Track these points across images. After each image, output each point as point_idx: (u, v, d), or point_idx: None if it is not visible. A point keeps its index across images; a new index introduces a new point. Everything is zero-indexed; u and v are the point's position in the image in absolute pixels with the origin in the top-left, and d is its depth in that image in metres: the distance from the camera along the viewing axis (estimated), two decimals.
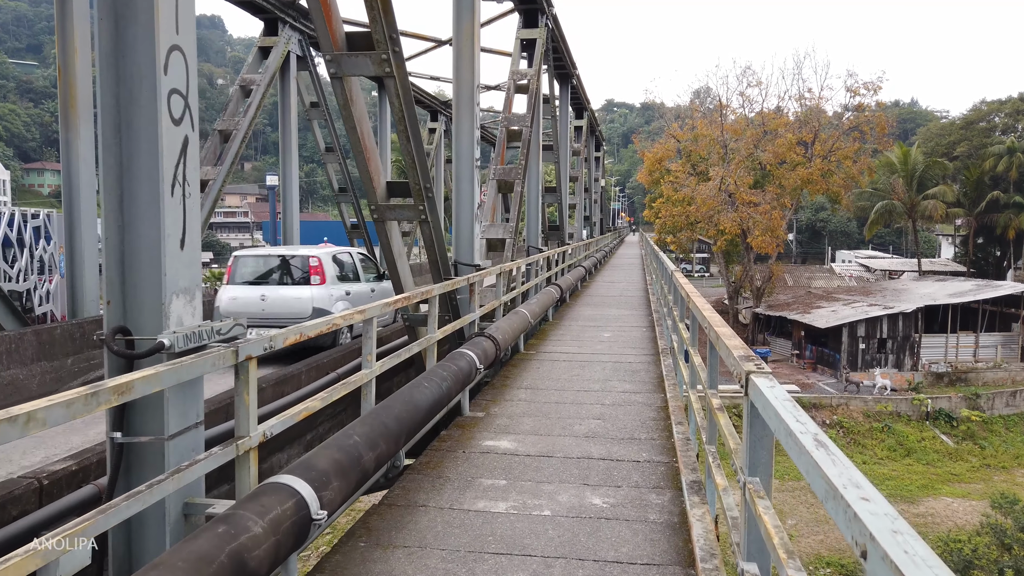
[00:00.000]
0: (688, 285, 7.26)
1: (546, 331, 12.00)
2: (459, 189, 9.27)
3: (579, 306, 16.25)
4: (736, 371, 3.08)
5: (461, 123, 9.15)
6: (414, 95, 24.59)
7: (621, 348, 10.24)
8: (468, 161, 9.15)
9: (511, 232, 11.56)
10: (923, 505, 34.72)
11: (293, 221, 15.96)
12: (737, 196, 48.67)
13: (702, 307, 5.01)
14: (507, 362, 9.17)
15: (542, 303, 11.09)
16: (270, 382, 7.12)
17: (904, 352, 46.91)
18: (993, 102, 65.72)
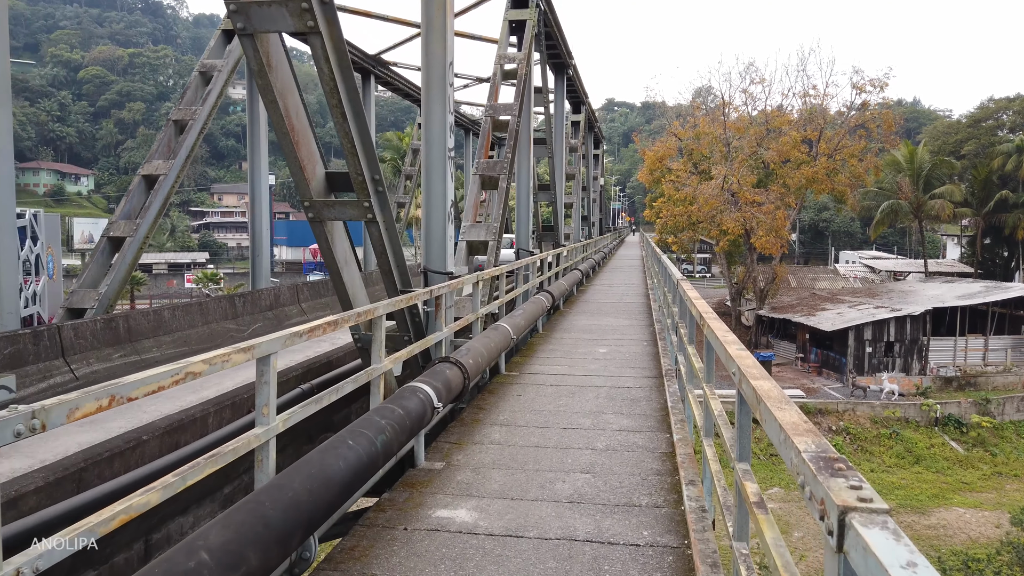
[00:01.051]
0: (699, 301, 5.91)
1: (534, 345, 10.69)
2: (429, 184, 7.89)
3: (573, 314, 14.91)
4: (811, 489, 1.72)
5: (431, 106, 7.77)
6: (400, 87, 23.24)
7: (618, 368, 8.93)
8: (439, 150, 7.77)
9: (494, 233, 10.17)
10: (934, 516, 33.50)
11: (262, 220, 14.58)
12: (740, 195, 47.34)
13: (724, 338, 3.66)
14: (484, 387, 7.81)
15: (529, 314, 9.71)
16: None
17: (912, 356, 45.74)
18: (1001, 99, 64.36)
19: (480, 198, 10.82)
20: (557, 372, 8.68)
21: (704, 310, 4.96)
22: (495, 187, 10.70)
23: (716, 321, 4.64)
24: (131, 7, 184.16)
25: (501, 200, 10.55)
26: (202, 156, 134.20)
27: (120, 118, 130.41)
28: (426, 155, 7.85)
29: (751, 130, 50.63)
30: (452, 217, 7.93)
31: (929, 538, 31.14)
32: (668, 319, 9.71)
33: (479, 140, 11.31)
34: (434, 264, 7.79)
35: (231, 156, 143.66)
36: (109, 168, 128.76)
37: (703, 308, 5.13)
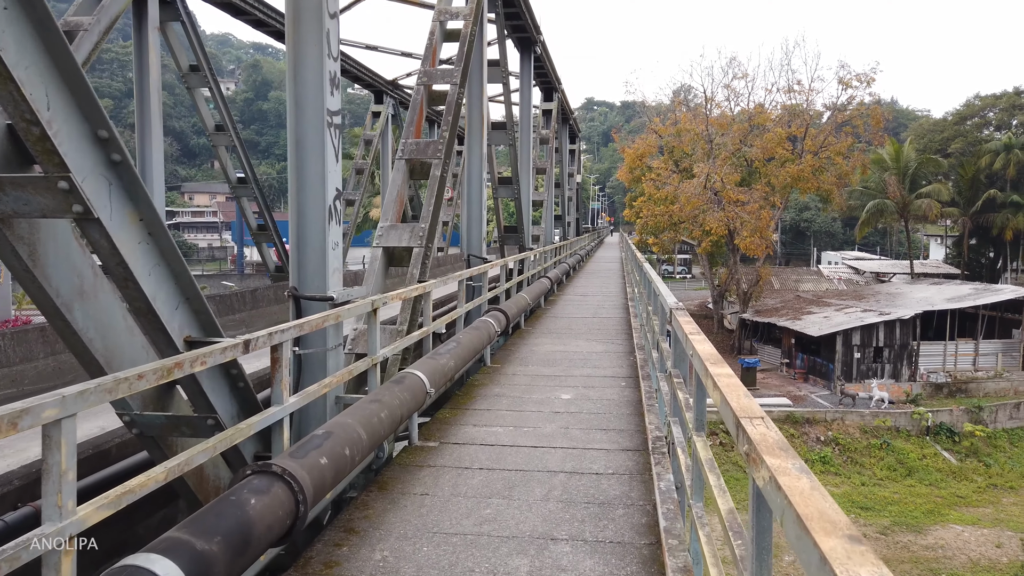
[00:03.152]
0: (704, 344, 3.49)
1: (474, 389, 8.09)
2: (299, 162, 5.31)
3: (536, 336, 12.14)
4: None
5: (301, 46, 5.19)
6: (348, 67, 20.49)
7: (585, 431, 6.22)
8: (314, 114, 5.22)
9: (422, 236, 7.58)
10: (931, 535, 31.65)
11: None
12: (724, 194, 45.24)
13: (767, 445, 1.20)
14: (384, 468, 5.20)
15: (467, 348, 7.09)
16: None
17: (901, 361, 44.16)
18: (987, 96, 62.77)
19: (407, 191, 8.27)
20: (494, 442, 5.95)
21: (719, 374, 2.58)
22: (426, 176, 8.12)
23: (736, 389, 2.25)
24: None
25: (435, 193, 7.96)
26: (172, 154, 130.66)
27: None
28: (293, 121, 5.26)
29: (734, 126, 48.62)
30: (335, 215, 5.35)
31: (928, 560, 29.30)
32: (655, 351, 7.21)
33: (408, 115, 8.74)
34: (309, 284, 5.23)
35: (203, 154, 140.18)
36: None
37: (715, 369, 2.72)
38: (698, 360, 3.43)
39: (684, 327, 4.23)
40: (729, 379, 2.83)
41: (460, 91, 9.11)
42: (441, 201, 8.12)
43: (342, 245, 5.54)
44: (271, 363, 3.91)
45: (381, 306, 5.45)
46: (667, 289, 5.93)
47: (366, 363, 5.21)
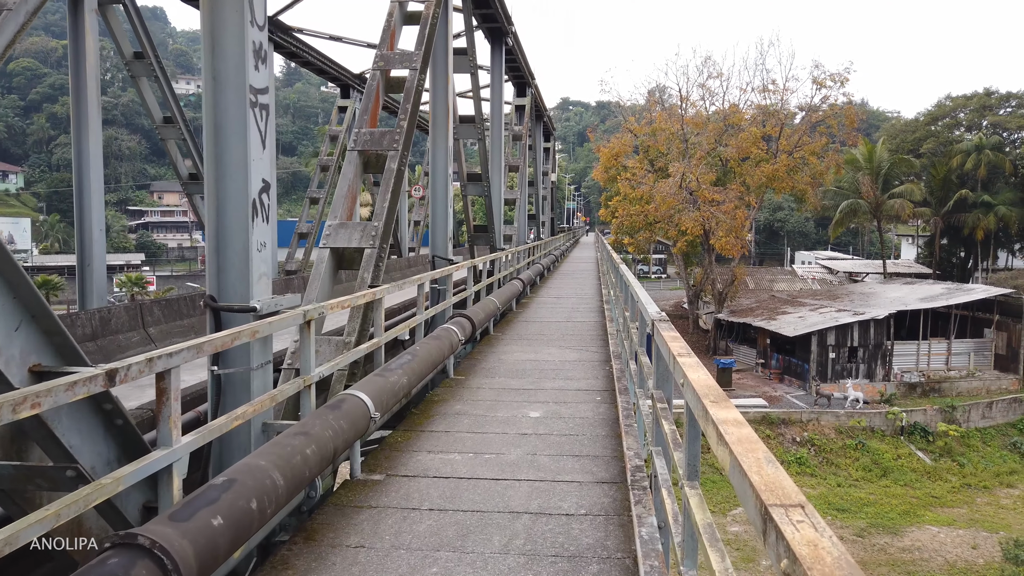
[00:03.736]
0: (697, 369, 2.75)
1: (434, 404, 7.29)
2: (218, 148, 4.51)
3: (506, 342, 11.36)
4: None
5: (219, 10, 4.39)
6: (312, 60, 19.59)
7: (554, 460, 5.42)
8: (237, 91, 4.43)
9: (375, 236, 6.78)
10: (908, 537, 31.53)
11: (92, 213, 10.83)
12: (699, 194, 44.88)
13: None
14: (317, 509, 4.40)
15: (423, 361, 6.27)
16: None
17: (876, 361, 44.23)
18: (958, 97, 63.22)
19: (359, 186, 7.46)
20: (449, 473, 5.11)
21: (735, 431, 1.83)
22: (381, 169, 7.34)
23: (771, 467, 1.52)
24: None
25: (390, 188, 7.17)
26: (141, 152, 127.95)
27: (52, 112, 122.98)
28: (211, 99, 4.45)
29: (709, 126, 48.35)
30: (262, 210, 4.56)
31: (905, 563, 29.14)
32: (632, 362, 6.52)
33: (362, 103, 7.95)
34: (228, 292, 4.42)
35: None
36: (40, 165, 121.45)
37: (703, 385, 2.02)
38: (692, 395, 2.68)
39: (671, 346, 3.49)
40: (740, 429, 2.09)
41: (420, 77, 8.32)
42: (398, 197, 7.33)
43: (272, 246, 4.74)
44: (156, 395, 3.11)
45: (317, 317, 4.66)
46: (647, 296, 5.21)
47: (296, 384, 4.41)
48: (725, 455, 1.95)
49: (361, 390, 4.78)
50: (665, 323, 4.24)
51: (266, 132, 4.61)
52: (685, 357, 3.21)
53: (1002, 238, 59.65)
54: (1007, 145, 59.71)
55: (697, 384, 2.67)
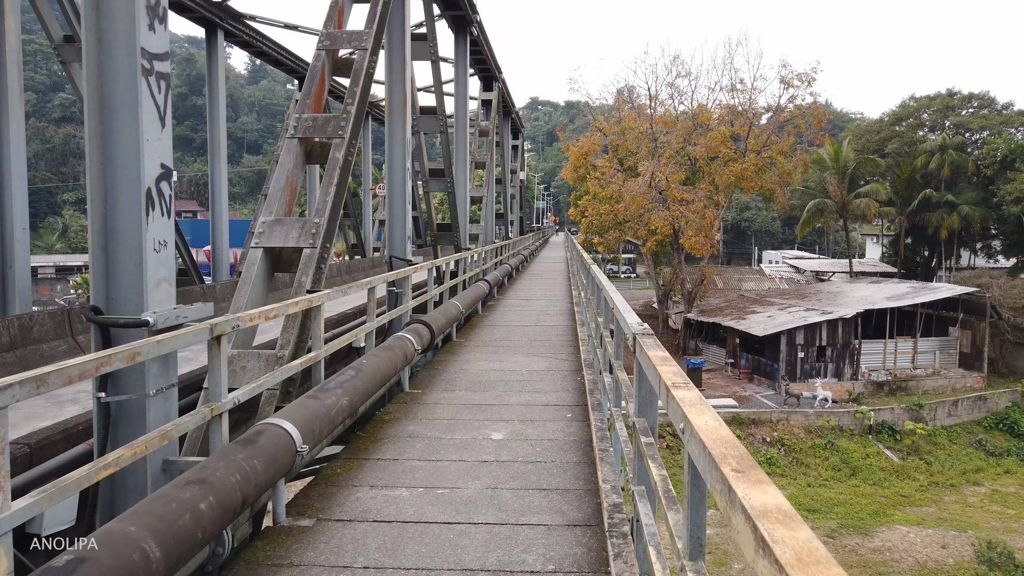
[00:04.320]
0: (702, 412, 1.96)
1: (383, 424, 6.43)
2: (104, 127, 3.69)
3: (467, 350, 10.52)
4: None
5: None
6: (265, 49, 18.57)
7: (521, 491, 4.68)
8: (126, 56, 3.63)
9: (315, 234, 5.95)
10: (878, 537, 31.46)
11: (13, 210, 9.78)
12: (668, 193, 44.55)
13: None
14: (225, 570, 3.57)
15: (369, 378, 5.41)
16: None
17: (844, 360, 44.34)
18: (922, 98, 63.92)
19: (300, 178, 6.62)
20: (393, 516, 4.29)
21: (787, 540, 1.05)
22: (324, 160, 6.52)
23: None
24: None
25: (334, 181, 6.35)
26: None
27: None
28: (94, 66, 3.62)
29: (678, 125, 48.08)
30: (160, 203, 3.73)
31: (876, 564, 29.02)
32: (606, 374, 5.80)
33: (304, 86, 7.10)
34: (117, 302, 3.60)
35: None
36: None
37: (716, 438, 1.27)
38: (702, 454, 1.94)
39: (661, 372, 2.73)
40: (794, 532, 1.30)
41: (371, 59, 7.49)
42: (344, 190, 6.51)
43: (173, 245, 3.92)
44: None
45: (230, 331, 3.85)
46: (625, 304, 4.48)
47: (200, 416, 3.58)
48: (768, 569, 1.21)
49: (286, 418, 3.97)
50: (649, 338, 3.48)
51: (165, 106, 3.80)
52: (682, 390, 2.44)
53: (965, 237, 60.46)
54: (969, 145, 60.53)
55: (707, 436, 1.91)
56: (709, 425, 1.99)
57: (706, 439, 1.88)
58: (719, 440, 1.88)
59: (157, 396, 3.74)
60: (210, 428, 3.80)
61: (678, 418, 2.25)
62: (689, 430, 2.05)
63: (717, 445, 1.84)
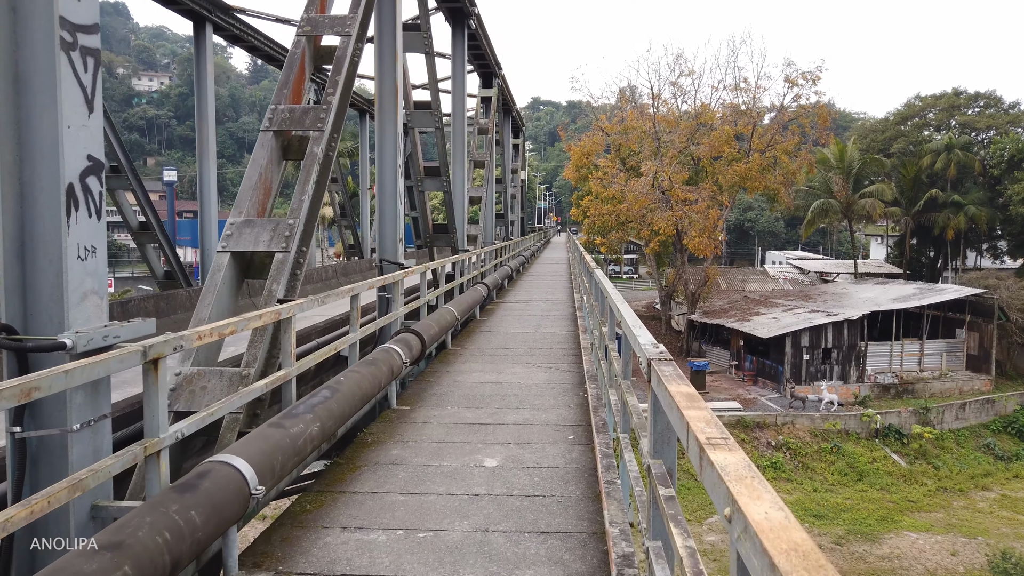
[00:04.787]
0: (752, 486, 1.30)
1: (364, 448, 5.77)
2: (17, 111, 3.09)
3: (462, 359, 9.90)
4: None
5: None
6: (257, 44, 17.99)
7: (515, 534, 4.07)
8: (43, 27, 3.03)
9: (288, 237, 5.35)
10: (886, 544, 30.84)
11: None
12: (672, 193, 43.94)
13: None
14: None
15: (346, 399, 4.77)
16: None
17: (850, 363, 43.75)
18: (928, 97, 63.22)
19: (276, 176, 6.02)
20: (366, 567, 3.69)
21: None
22: (300, 156, 5.93)
23: None
24: None
25: (311, 178, 5.76)
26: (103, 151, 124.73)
27: None
28: (5, 39, 3.03)
29: (682, 124, 47.47)
30: (88, 202, 3.15)
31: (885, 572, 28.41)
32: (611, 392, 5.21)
33: (282, 74, 6.51)
34: (33, 319, 3.01)
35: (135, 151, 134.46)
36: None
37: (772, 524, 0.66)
38: (760, 561, 1.26)
39: (690, 418, 2.14)
40: None
41: (357, 47, 6.90)
42: (323, 189, 5.92)
43: (105, 251, 3.32)
44: None
45: (171, 352, 3.25)
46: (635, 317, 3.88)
47: (130, 456, 2.98)
48: None
49: (240, 453, 3.38)
50: (668, 366, 2.88)
51: (94, 88, 3.21)
52: (723, 451, 1.84)
53: (971, 238, 59.79)
54: (976, 145, 59.85)
55: (773, 542, 1.29)
56: (773, 521, 1.38)
57: (771, 546, 1.26)
58: (791, 549, 1.26)
59: (83, 430, 3.15)
60: (146, 472, 3.21)
61: (720, 496, 1.64)
62: (741, 523, 1.44)
63: (790, 558, 1.22)
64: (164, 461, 3.22)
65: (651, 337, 3.47)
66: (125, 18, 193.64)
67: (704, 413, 2.16)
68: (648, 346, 3.19)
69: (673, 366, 2.89)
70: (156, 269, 14.48)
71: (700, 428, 2.02)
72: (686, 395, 2.40)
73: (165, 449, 3.22)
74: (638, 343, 3.32)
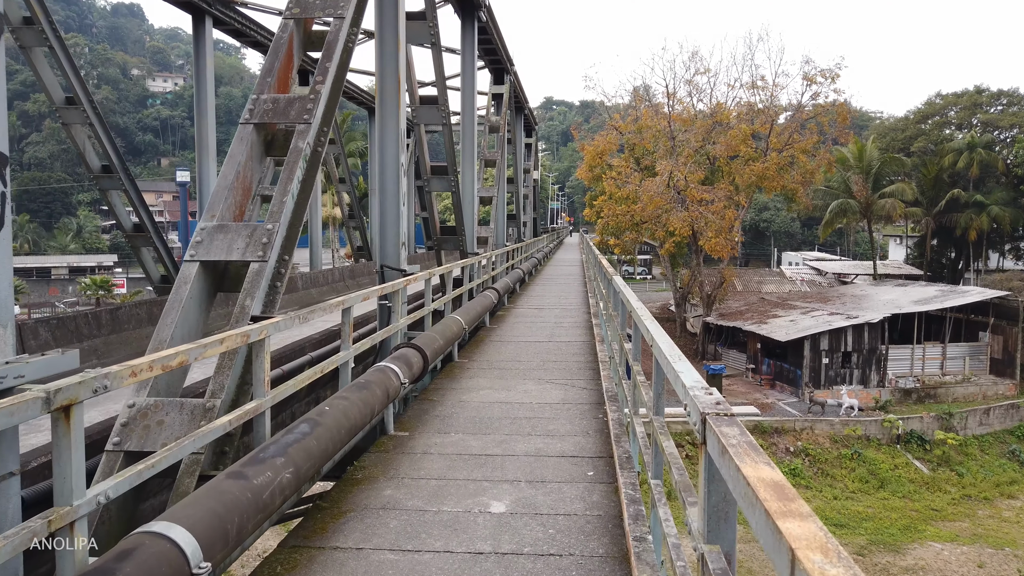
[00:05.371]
0: None
1: (353, 487, 5.04)
2: None
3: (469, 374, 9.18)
4: None
5: None
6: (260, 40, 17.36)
7: None
8: None
9: (266, 244, 4.66)
10: (910, 555, 29.89)
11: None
12: (687, 193, 43.07)
13: None
14: None
15: (329, 434, 4.04)
16: None
17: (870, 366, 42.75)
18: (948, 95, 61.91)
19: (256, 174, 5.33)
20: None
21: None
22: (284, 151, 5.24)
23: None
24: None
25: (296, 175, 5.07)
26: None
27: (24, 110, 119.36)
28: None
29: (697, 123, 46.58)
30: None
31: None
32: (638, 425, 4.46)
33: (266, 60, 5.83)
34: None
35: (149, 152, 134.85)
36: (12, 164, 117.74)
37: None
38: None
39: (792, 537, 1.28)
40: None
41: (352, 31, 6.20)
42: (310, 188, 5.23)
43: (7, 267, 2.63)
44: None
45: (89, 396, 2.54)
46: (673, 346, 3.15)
47: (26, 534, 2.27)
48: None
49: (180, 519, 2.67)
50: (732, 425, 2.15)
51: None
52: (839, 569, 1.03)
53: (994, 238, 58.46)
54: (999, 143, 58.52)
55: None
56: None
57: None
58: None
59: None
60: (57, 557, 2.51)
61: None
62: None
63: None
64: (80, 535, 2.53)
65: (697, 375, 2.73)
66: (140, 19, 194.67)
67: (815, 530, 1.41)
68: (698, 391, 2.44)
69: (739, 427, 2.15)
70: (152, 273, 13.86)
71: (797, 536, 1.27)
72: (772, 486, 1.65)
73: (82, 519, 2.53)
74: (682, 384, 2.58)
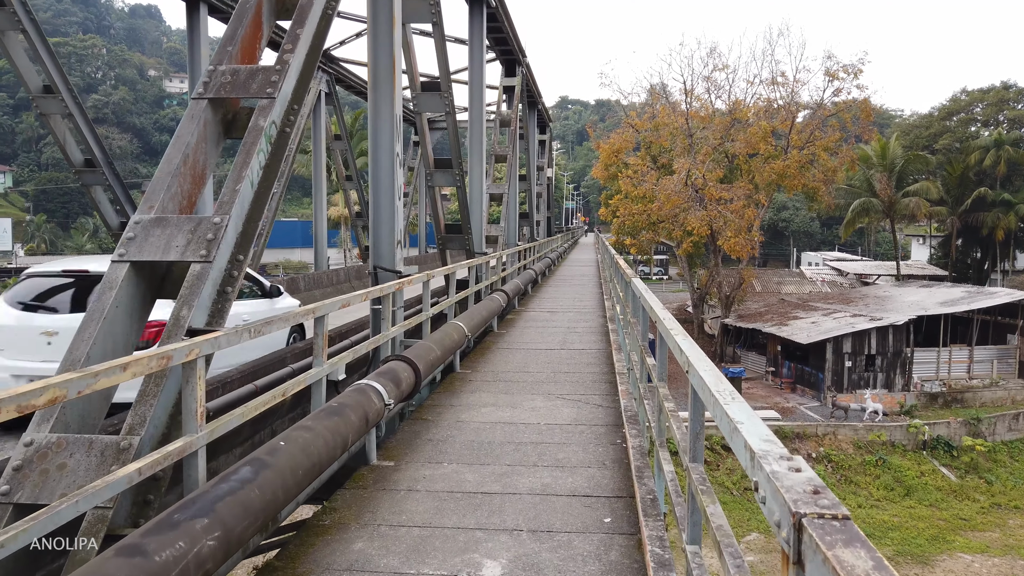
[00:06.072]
0: None
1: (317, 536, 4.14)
2: None
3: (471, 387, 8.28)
4: None
5: None
6: None
7: None
8: None
9: (212, 241, 3.82)
10: (939, 567, 28.78)
11: None
12: (706, 192, 41.98)
13: None
14: None
15: (284, 478, 3.26)
16: None
17: (894, 370, 41.50)
18: (974, 92, 60.20)
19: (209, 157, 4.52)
20: None
21: None
22: (242, 132, 4.42)
23: None
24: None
25: (250, 161, 4.24)
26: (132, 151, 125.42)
27: None
28: None
29: (715, 120, 45.48)
30: None
31: None
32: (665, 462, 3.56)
33: (229, 25, 5.00)
34: None
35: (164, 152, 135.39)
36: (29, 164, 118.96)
37: None
38: None
39: None
40: None
41: None
42: (274, 175, 4.40)
43: None
44: None
45: None
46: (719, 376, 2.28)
47: None
48: None
49: None
50: (860, 555, 1.14)
51: None
52: None
53: (1022, 238, 56.81)
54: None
55: None
56: None
57: None
58: None
59: None
60: None
61: None
62: None
63: None
64: None
65: (766, 429, 1.83)
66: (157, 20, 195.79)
67: None
68: (775, 463, 1.53)
69: (866, 547, 1.23)
70: None
71: None
72: None
73: None
74: (746, 445, 1.68)
